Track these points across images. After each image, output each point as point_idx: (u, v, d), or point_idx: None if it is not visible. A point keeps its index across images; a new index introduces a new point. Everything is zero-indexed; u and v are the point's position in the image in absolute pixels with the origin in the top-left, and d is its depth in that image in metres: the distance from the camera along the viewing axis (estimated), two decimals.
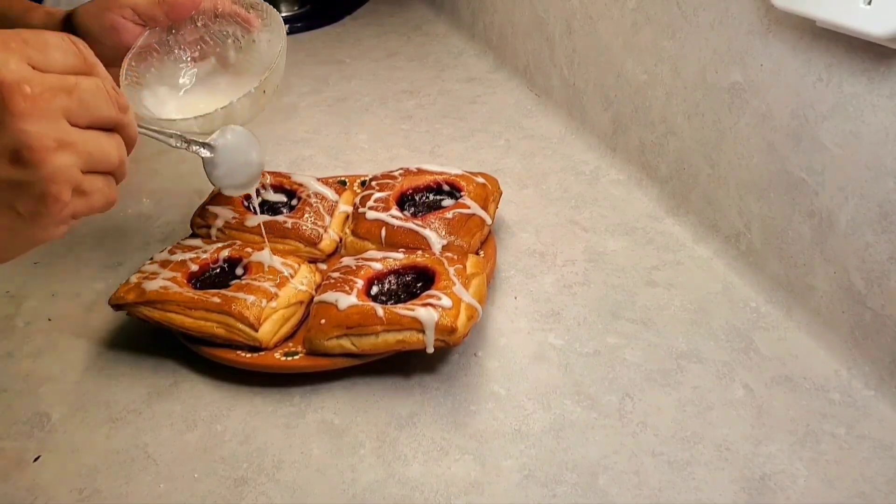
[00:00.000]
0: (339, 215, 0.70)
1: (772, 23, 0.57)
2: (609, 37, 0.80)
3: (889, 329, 0.51)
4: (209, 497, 0.48)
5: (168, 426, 0.54)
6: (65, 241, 0.75)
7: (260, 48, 0.63)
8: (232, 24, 0.63)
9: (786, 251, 0.60)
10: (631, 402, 0.53)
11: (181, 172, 0.87)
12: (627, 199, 0.77)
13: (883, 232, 0.50)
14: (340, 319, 0.54)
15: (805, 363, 0.56)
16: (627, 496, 0.46)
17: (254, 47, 0.63)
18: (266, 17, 0.63)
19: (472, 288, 0.57)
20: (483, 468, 0.49)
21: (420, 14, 1.38)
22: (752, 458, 0.48)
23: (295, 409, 0.54)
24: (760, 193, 0.61)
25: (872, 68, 0.49)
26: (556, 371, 0.56)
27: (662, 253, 0.69)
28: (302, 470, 0.50)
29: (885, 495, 0.46)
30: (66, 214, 0.35)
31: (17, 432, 0.54)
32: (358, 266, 0.60)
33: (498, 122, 0.95)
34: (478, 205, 0.67)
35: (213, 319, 0.56)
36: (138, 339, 0.61)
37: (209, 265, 0.62)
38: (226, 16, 0.62)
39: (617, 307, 0.62)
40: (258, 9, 0.63)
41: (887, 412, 0.51)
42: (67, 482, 0.50)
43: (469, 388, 0.55)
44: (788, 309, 0.60)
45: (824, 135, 0.54)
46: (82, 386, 0.58)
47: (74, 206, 0.35)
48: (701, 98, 0.66)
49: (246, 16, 0.62)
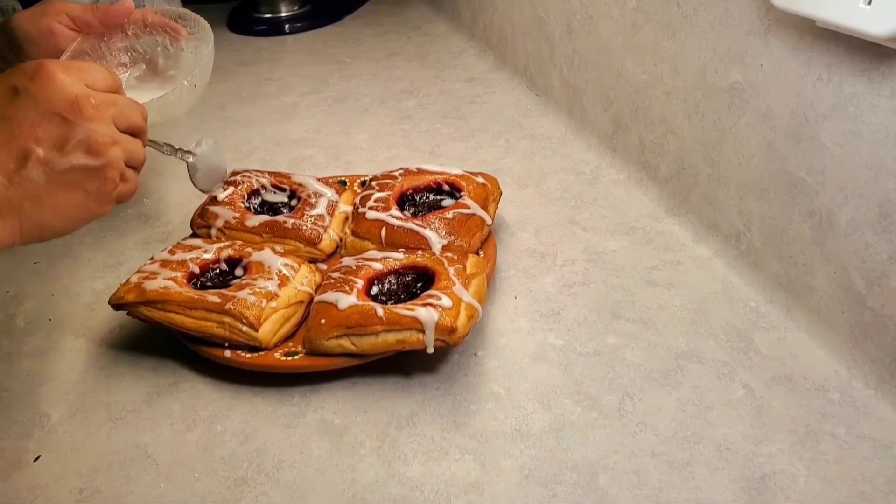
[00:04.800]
0: (339, 215, 0.70)
1: (772, 23, 0.57)
2: (609, 37, 0.80)
3: (889, 329, 0.51)
4: (209, 497, 0.48)
5: (168, 426, 0.54)
6: (65, 241, 0.75)
7: (187, 56, 0.67)
8: (161, 33, 0.67)
9: (786, 251, 0.60)
10: (631, 402, 0.53)
11: (181, 172, 0.87)
12: (627, 199, 0.77)
13: (883, 232, 0.50)
14: (340, 319, 0.54)
15: (805, 363, 0.56)
16: (627, 496, 0.46)
17: (182, 55, 0.67)
18: (194, 27, 0.67)
19: (472, 288, 0.57)
20: (483, 468, 0.49)
21: (420, 14, 1.38)
22: (752, 458, 0.48)
23: (295, 409, 0.54)
24: (760, 193, 0.61)
25: (872, 68, 0.49)
26: (556, 371, 0.56)
27: (662, 253, 0.69)
28: (302, 470, 0.50)
29: (885, 495, 0.46)
30: (114, 194, 0.46)
31: (17, 432, 0.54)
32: (358, 266, 0.60)
33: (498, 122, 0.95)
34: (478, 205, 0.67)
35: (213, 319, 0.56)
36: (138, 339, 0.61)
37: (209, 265, 0.62)
38: (155, 26, 0.67)
39: (617, 307, 0.62)
40: (186, 19, 0.67)
41: (887, 412, 0.51)
42: (67, 482, 0.50)
43: (469, 388, 0.55)
44: (788, 309, 0.60)
45: (824, 134, 0.54)
46: (82, 386, 0.58)
47: (119, 189, 0.47)
48: (701, 98, 0.66)
49: (174, 25, 0.66)
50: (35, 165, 0.41)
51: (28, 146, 0.41)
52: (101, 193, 0.45)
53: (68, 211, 0.44)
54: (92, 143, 0.43)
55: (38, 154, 0.41)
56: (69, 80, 0.43)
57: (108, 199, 0.46)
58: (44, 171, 0.42)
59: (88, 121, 0.43)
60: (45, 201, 0.43)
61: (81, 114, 0.43)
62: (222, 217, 0.67)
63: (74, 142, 0.43)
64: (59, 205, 0.43)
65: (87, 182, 0.44)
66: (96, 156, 0.44)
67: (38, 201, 0.42)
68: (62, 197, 0.43)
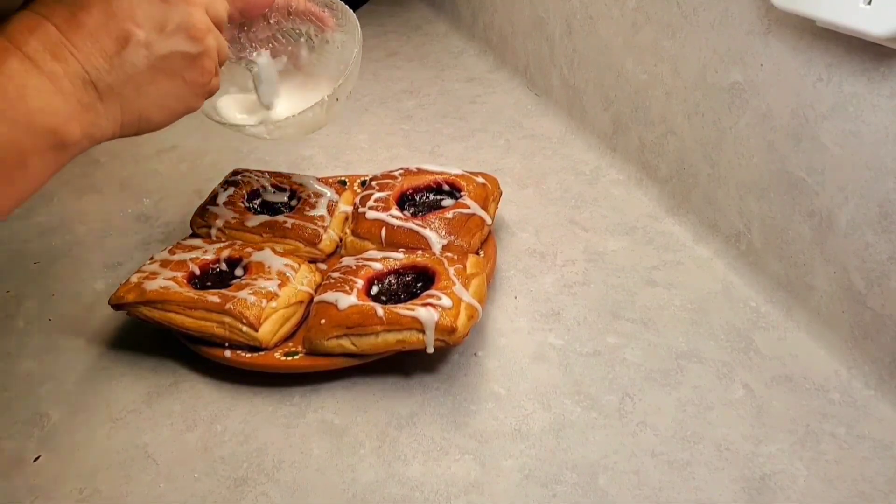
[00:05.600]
0: (339, 215, 0.70)
1: (772, 23, 0.57)
2: (609, 37, 0.80)
3: (889, 329, 0.51)
4: (209, 497, 0.48)
5: (168, 426, 0.54)
6: (65, 241, 0.75)
7: (333, 49, 0.62)
8: (306, 22, 0.61)
9: (786, 251, 0.60)
10: (631, 402, 0.53)
11: (181, 172, 0.87)
12: (627, 199, 0.77)
13: (883, 232, 0.50)
14: (340, 319, 0.54)
15: (805, 363, 0.56)
16: (627, 496, 0.46)
17: (327, 48, 0.62)
18: (341, 17, 0.61)
19: (472, 288, 0.57)
20: (483, 468, 0.49)
21: (420, 14, 1.38)
22: (752, 458, 0.48)
23: (295, 409, 0.54)
24: (760, 193, 0.61)
25: (872, 68, 0.49)
26: (556, 371, 0.56)
27: (662, 253, 0.69)
28: (302, 470, 0.50)
29: (885, 495, 0.46)
30: (209, 87, 0.44)
31: (17, 432, 0.54)
32: (358, 266, 0.60)
33: (498, 121, 0.95)
34: (478, 205, 0.67)
35: (214, 319, 0.56)
36: (138, 339, 0.61)
37: (209, 265, 0.62)
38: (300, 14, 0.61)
39: (617, 307, 0.62)
40: (333, 8, 0.61)
41: (887, 412, 0.51)
42: (67, 482, 0.50)
43: (469, 388, 0.55)
44: (788, 309, 0.60)
45: (824, 135, 0.54)
46: (82, 386, 0.58)
47: (213, 82, 0.44)
48: (701, 98, 0.66)
49: (320, 14, 0.61)
50: (136, 48, 0.39)
51: (127, 27, 0.38)
52: (197, 84, 0.43)
53: (167, 100, 0.42)
54: (191, 27, 0.41)
55: (138, 36, 0.39)
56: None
57: (203, 91, 0.44)
58: (144, 54, 0.39)
59: (187, 3, 0.41)
60: (146, 88, 0.40)
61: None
62: (222, 217, 0.67)
63: (174, 25, 0.40)
64: (158, 92, 0.41)
65: (185, 70, 0.42)
66: (195, 41, 0.41)
67: (138, 88, 0.40)
68: (162, 84, 0.41)
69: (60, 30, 0.37)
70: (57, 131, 0.36)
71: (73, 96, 0.37)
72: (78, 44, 0.37)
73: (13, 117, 0.34)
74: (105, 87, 0.38)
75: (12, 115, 0.34)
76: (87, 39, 0.37)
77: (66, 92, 0.36)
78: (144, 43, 0.39)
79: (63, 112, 0.36)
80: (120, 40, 0.38)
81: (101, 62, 0.38)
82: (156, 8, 0.39)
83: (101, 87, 0.38)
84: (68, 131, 0.36)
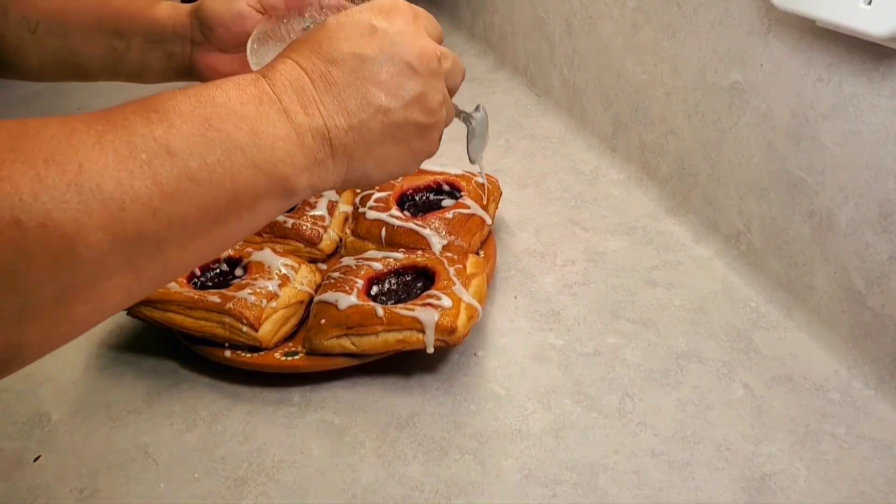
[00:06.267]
0: (339, 215, 0.70)
1: (772, 23, 0.57)
2: (609, 37, 0.80)
3: (889, 329, 0.51)
4: (209, 497, 0.48)
5: (168, 426, 0.54)
6: None
7: None
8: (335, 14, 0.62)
9: (786, 251, 0.60)
10: (631, 402, 0.53)
11: None
12: (627, 199, 0.77)
13: (883, 232, 0.50)
14: (340, 319, 0.54)
15: (805, 363, 0.56)
16: (627, 496, 0.46)
17: None
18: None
19: (472, 288, 0.57)
20: (483, 468, 0.49)
21: None
22: (752, 458, 0.48)
23: (295, 409, 0.54)
24: (760, 193, 0.61)
25: (872, 68, 0.49)
26: (556, 371, 0.56)
27: (662, 253, 0.69)
28: (302, 470, 0.50)
29: (885, 495, 0.46)
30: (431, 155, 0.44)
31: (17, 432, 0.54)
32: (358, 266, 0.60)
33: (498, 122, 0.95)
34: (478, 205, 0.67)
35: (214, 319, 0.56)
36: (138, 339, 0.61)
37: (209, 265, 0.61)
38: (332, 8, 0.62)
39: (617, 307, 0.62)
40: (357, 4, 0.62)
41: (887, 412, 0.51)
42: (67, 482, 0.50)
43: (469, 388, 0.55)
44: (788, 309, 0.60)
45: (824, 135, 0.54)
46: (82, 386, 0.58)
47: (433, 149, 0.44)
48: (701, 98, 0.66)
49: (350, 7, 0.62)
50: (376, 114, 0.39)
51: (371, 91, 0.39)
52: (422, 153, 0.43)
53: (389, 164, 0.42)
54: (429, 100, 0.41)
55: (380, 101, 0.39)
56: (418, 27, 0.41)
57: (424, 158, 0.44)
58: (381, 120, 0.40)
59: (432, 75, 0.41)
60: (374, 150, 0.41)
61: (427, 66, 0.41)
62: None
63: (414, 95, 0.40)
64: (385, 155, 0.41)
65: (414, 139, 0.42)
66: (430, 114, 0.41)
67: (368, 150, 0.40)
68: (389, 148, 0.41)
69: (315, 86, 0.38)
70: (289, 180, 0.37)
71: (311, 150, 0.38)
72: (326, 102, 0.38)
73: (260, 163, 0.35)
74: (339, 145, 0.39)
75: (260, 161, 0.35)
76: (335, 99, 0.39)
77: (307, 146, 0.37)
78: (384, 110, 0.40)
79: (300, 164, 0.37)
80: (363, 105, 0.39)
81: (342, 122, 0.39)
82: (402, 76, 0.40)
83: (336, 144, 0.39)
84: (299, 182, 0.37)
